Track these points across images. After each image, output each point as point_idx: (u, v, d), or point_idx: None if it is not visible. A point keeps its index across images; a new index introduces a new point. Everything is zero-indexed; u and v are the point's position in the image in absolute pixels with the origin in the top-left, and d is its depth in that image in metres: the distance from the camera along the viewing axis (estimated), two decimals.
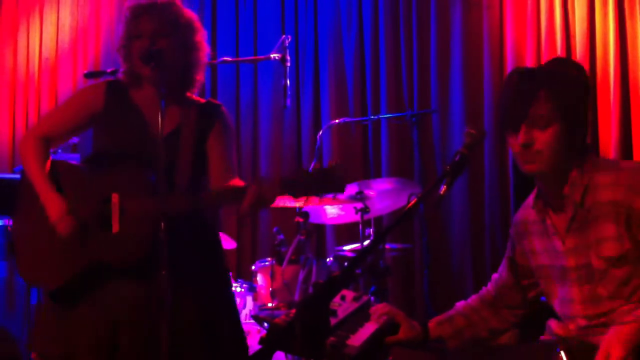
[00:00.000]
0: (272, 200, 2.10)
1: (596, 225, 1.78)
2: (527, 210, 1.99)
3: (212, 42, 5.43)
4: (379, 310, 1.99)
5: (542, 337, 1.94)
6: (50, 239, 2.21)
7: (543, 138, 1.78)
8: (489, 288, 2.11)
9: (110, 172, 2.25)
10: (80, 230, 2.18)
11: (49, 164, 2.30)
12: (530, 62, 4.34)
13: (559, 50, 4.24)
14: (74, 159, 3.80)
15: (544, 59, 4.29)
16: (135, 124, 2.31)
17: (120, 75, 2.38)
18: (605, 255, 1.77)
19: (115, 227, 2.15)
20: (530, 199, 1.98)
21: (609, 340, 1.68)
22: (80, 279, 2.18)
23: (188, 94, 2.40)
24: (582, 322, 1.83)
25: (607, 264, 1.77)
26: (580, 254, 1.82)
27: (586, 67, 4.12)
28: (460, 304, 2.11)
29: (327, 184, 2.03)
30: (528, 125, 1.78)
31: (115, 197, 2.17)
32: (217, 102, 2.47)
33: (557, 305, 1.92)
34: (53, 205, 2.20)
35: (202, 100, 2.43)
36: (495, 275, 2.11)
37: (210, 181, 2.38)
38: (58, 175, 2.28)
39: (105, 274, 2.18)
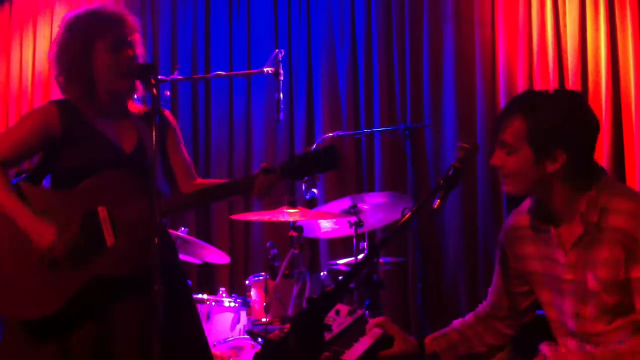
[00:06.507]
0: (275, 189, 2.19)
1: (602, 247, 1.79)
2: (519, 216, 2.00)
3: (206, 56, 5.44)
4: (374, 324, 1.99)
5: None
6: (33, 267, 2.10)
7: (509, 163, 1.86)
8: (484, 304, 2.13)
9: (86, 188, 2.17)
10: (72, 252, 2.10)
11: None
12: (522, 77, 4.36)
13: (551, 65, 4.26)
14: None
15: (536, 74, 4.31)
16: (101, 145, 2.25)
17: (69, 96, 2.29)
18: (601, 278, 1.77)
19: (110, 240, 2.11)
20: (525, 205, 1.99)
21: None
22: (77, 301, 2.09)
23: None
24: (572, 343, 1.83)
25: (601, 287, 1.78)
26: (579, 270, 1.83)
27: (578, 81, 4.15)
28: (456, 322, 2.13)
29: (322, 162, 2.11)
30: (499, 149, 1.88)
31: (102, 211, 2.11)
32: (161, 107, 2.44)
33: (550, 312, 1.92)
34: (41, 230, 2.10)
35: (144, 108, 2.39)
36: (490, 288, 2.13)
37: (179, 183, 2.41)
38: (29, 200, 2.17)
39: (104, 292, 2.11)
